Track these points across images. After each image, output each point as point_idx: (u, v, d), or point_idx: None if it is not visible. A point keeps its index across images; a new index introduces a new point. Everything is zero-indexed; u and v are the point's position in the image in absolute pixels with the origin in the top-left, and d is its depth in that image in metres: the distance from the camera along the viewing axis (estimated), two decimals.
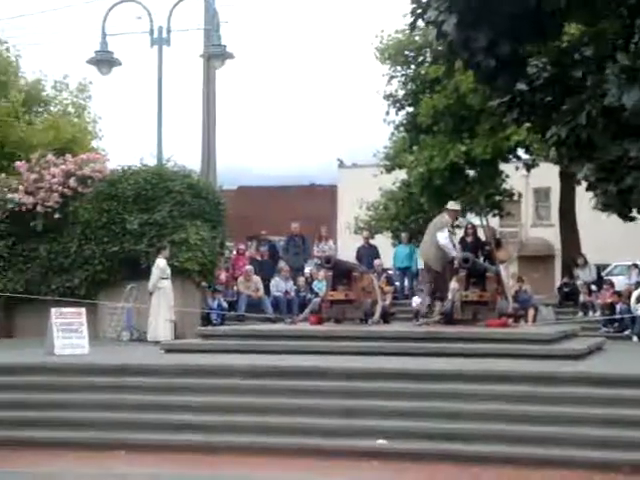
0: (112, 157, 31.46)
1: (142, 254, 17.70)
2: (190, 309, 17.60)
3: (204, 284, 18.63)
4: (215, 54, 19.13)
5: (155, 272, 16.67)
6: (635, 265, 21.72)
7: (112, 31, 19.11)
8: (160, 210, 17.95)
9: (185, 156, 36.28)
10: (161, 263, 16.72)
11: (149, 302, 16.67)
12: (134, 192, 18.06)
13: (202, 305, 18.46)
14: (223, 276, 19.69)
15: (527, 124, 6.41)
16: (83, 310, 13.82)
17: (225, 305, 18.93)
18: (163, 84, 19.05)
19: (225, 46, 18.97)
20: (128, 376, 11.46)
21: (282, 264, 20.70)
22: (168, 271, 16.80)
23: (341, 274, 14.86)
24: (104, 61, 18.99)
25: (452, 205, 15.57)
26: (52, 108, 28.43)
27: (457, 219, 17.00)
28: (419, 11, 5.27)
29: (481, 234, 19.41)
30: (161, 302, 16.52)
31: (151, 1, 19.24)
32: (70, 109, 28.48)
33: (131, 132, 64.02)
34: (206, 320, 18.22)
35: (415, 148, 25.00)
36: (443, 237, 14.56)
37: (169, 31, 18.95)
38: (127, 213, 17.96)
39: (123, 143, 60.40)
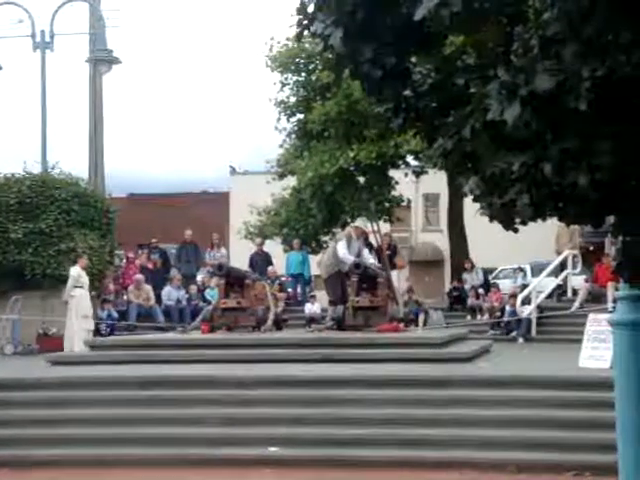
0: None
1: (27, 264, 17.23)
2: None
3: (92, 294, 18.21)
4: (101, 59, 18.86)
5: (69, 281, 16.22)
6: (520, 269, 22.34)
7: None
8: (45, 219, 17.55)
9: (72, 163, 35.53)
10: (74, 272, 16.27)
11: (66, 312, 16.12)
12: (17, 200, 17.67)
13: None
14: (112, 286, 19.28)
15: (413, 129, 6.51)
16: None
17: (115, 315, 18.52)
18: (47, 89, 18.70)
19: (112, 51, 18.72)
20: (12, 390, 11.10)
21: (174, 272, 20.43)
22: (84, 279, 16.32)
23: (233, 282, 14.78)
24: None
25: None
26: None
27: (365, 238, 17.03)
28: (305, 22, 5.23)
29: (372, 240, 19.58)
30: (75, 311, 16.04)
31: (33, 4, 18.83)
32: None
33: (14, 138, 62.14)
34: (95, 331, 17.79)
35: (306, 154, 25.05)
36: (341, 248, 14.71)
37: (52, 35, 18.56)
38: (10, 222, 17.52)
39: (5, 150, 58.58)
